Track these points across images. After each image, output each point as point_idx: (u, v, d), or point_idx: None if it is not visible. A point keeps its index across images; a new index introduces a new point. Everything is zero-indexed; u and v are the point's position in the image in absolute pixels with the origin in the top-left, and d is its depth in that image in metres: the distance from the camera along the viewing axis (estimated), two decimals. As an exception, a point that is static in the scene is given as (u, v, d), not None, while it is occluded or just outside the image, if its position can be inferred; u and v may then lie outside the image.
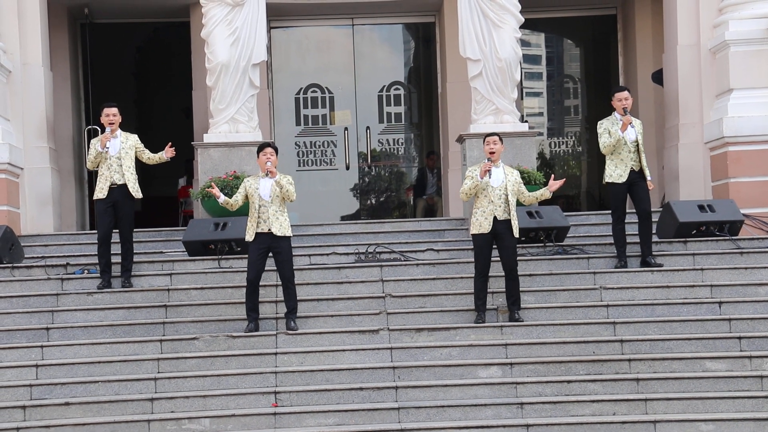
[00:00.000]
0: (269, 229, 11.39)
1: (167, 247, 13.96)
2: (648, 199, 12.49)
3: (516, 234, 11.57)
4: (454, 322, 11.64)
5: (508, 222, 11.50)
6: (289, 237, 11.53)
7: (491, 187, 11.52)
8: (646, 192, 12.47)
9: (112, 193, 12.26)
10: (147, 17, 18.10)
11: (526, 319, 11.61)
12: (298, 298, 11.93)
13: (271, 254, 11.51)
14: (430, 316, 11.77)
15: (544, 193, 11.83)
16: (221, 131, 14.33)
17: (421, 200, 17.86)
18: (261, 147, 11.67)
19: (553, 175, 11.85)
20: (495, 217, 11.47)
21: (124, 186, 12.29)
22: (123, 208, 12.30)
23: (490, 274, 11.74)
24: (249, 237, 11.45)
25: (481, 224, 11.51)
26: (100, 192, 12.26)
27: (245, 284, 11.55)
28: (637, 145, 12.41)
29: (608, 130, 12.48)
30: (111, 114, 12.36)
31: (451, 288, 12.20)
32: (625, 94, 12.59)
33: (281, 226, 11.41)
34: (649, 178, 12.51)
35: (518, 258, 12.40)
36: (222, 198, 11.67)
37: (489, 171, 11.53)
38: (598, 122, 12.71)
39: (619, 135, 12.38)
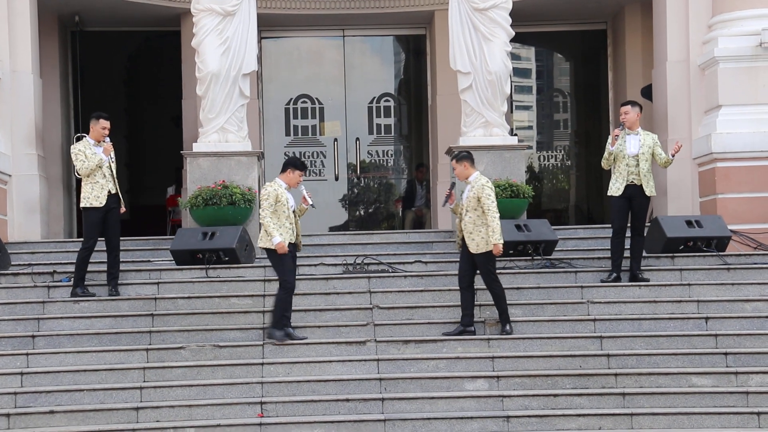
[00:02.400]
0: (296, 240, 11.51)
1: (155, 255, 13.93)
2: (642, 217, 12.50)
3: (473, 250, 11.38)
4: (442, 334, 11.62)
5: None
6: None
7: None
8: (642, 208, 12.47)
9: (107, 201, 12.24)
10: (138, 26, 18.09)
11: (513, 332, 11.60)
12: (285, 308, 11.98)
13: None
14: (418, 328, 11.76)
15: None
16: (210, 140, 14.32)
17: (409, 212, 17.87)
18: (298, 165, 11.56)
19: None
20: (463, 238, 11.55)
21: (117, 194, 12.30)
22: (114, 216, 12.30)
23: (484, 287, 11.78)
24: (286, 243, 11.32)
25: (459, 241, 11.62)
26: (96, 200, 12.18)
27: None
28: (638, 160, 12.39)
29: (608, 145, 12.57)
30: (107, 127, 12.34)
31: (438, 300, 12.20)
32: (624, 108, 12.62)
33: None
34: (671, 154, 12.43)
35: (505, 271, 12.48)
36: (278, 239, 11.28)
37: (448, 196, 11.57)
38: None
39: (609, 149, 12.44)
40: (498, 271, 12.68)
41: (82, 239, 12.65)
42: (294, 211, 11.54)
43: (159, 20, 17.50)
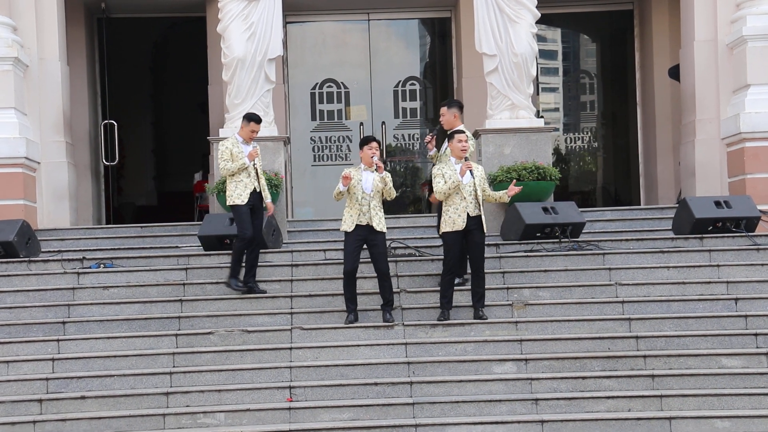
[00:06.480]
0: (368, 223, 11.46)
1: (183, 241, 14.00)
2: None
3: (486, 230, 11.50)
4: (469, 317, 11.61)
5: (478, 218, 11.44)
6: (385, 232, 11.59)
7: (462, 184, 11.43)
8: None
9: (251, 198, 12.21)
10: (163, 12, 18.16)
11: (541, 315, 11.60)
12: (313, 293, 12.01)
13: (365, 246, 11.53)
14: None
15: (503, 196, 11.63)
16: (237, 126, 14.33)
17: (436, 196, 17.83)
18: (366, 140, 11.69)
19: (514, 180, 11.65)
20: (468, 214, 11.40)
21: (260, 192, 12.27)
22: (259, 212, 12.31)
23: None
24: (348, 228, 11.50)
25: (455, 222, 11.41)
26: (239, 198, 12.09)
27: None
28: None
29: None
30: (257, 130, 12.32)
31: (465, 283, 12.17)
32: (441, 110, 12.30)
33: (380, 221, 11.50)
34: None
35: (533, 253, 12.42)
36: (342, 188, 11.51)
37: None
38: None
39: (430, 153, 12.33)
40: (526, 253, 12.71)
41: (111, 226, 12.70)
42: (371, 192, 11.45)
43: (185, 6, 17.55)
